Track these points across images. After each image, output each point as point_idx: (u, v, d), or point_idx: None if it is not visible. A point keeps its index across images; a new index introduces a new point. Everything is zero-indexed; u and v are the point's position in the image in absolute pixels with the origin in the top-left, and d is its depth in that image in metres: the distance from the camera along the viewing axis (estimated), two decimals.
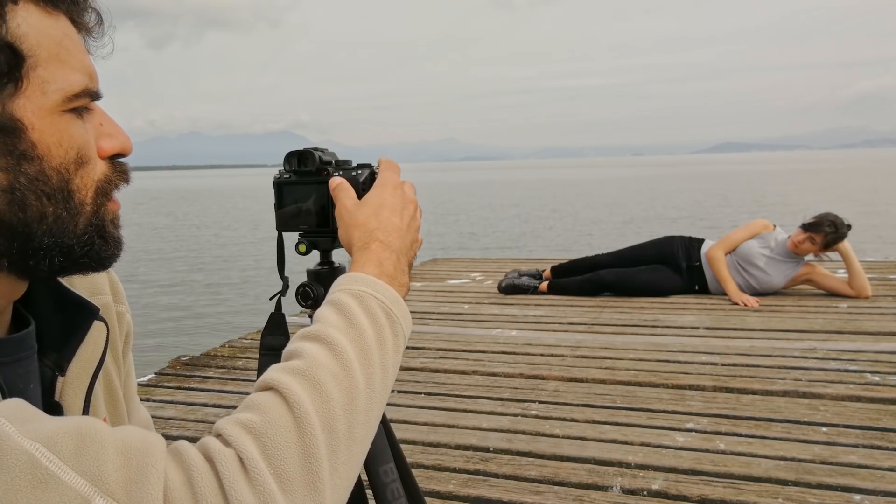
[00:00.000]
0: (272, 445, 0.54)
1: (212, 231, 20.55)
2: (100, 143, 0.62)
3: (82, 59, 0.60)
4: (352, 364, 0.62)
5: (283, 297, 1.01)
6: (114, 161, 0.64)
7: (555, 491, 2.02)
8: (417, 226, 0.83)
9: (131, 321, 0.85)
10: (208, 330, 7.80)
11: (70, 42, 0.59)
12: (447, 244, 15.40)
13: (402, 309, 0.71)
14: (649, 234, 6.12)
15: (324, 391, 0.59)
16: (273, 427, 0.55)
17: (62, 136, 0.57)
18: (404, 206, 0.81)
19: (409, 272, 0.79)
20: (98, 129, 0.62)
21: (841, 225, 4.44)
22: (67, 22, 0.59)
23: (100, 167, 0.62)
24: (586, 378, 3.03)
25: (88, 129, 0.61)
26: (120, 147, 0.64)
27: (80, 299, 0.71)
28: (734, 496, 1.95)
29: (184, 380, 3.23)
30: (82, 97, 0.59)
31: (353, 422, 0.59)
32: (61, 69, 0.57)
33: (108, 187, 0.63)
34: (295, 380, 0.59)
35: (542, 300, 4.79)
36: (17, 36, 0.55)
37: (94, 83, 0.60)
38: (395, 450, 0.95)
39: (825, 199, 23.39)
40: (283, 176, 0.94)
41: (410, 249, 0.80)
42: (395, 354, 0.68)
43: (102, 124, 0.63)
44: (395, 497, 0.90)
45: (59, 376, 0.68)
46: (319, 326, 0.65)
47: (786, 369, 3.06)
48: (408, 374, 3.18)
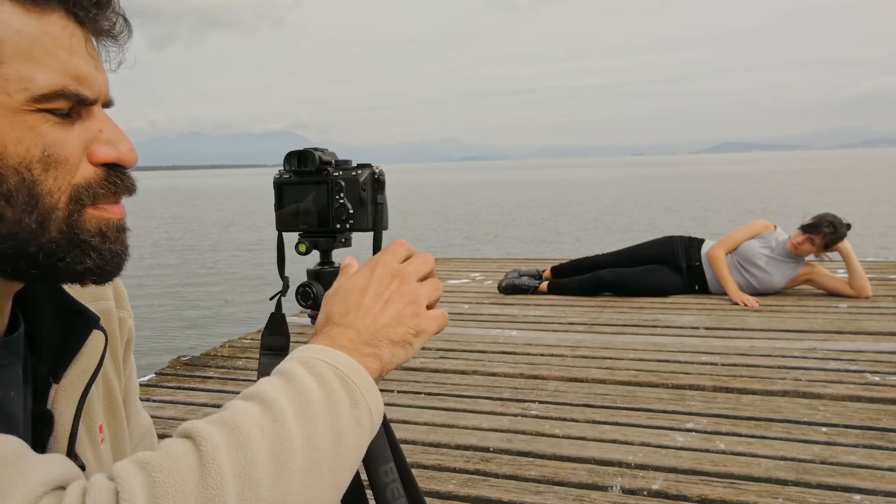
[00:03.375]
0: (164, 482, 0.49)
1: (212, 231, 20.54)
2: (93, 149, 0.59)
3: (65, 60, 0.56)
4: (284, 418, 0.55)
5: (284, 297, 1.01)
6: (109, 169, 0.61)
7: (555, 491, 2.02)
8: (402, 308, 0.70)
9: (133, 327, 0.84)
10: (208, 330, 7.80)
11: (51, 42, 0.56)
12: (447, 244, 15.41)
13: (365, 380, 0.62)
14: (649, 234, 6.11)
15: (242, 436, 0.53)
16: (171, 463, 0.50)
17: (23, 134, 0.55)
18: (383, 288, 0.70)
19: (394, 353, 0.68)
20: (95, 134, 0.60)
21: (840, 225, 4.44)
22: (61, 21, 0.57)
23: (84, 172, 0.59)
24: (586, 378, 3.03)
25: (76, 132, 0.58)
26: (115, 156, 0.60)
27: (81, 307, 0.70)
28: (734, 496, 1.95)
29: (184, 380, 3.23)
30: (55, 99, 0.56)
31: (282, 477, 0.53)
32: (30, 68, 0.55)
33: (87, 193, 0.59)
34: (212, 425, 0.54)
35: (542, 300, 4.79)
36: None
37: (81, 86, 0.57)
38: (395, 450, 0.95)
39: (825, 200, 23.39)
40: (283, 176, 0.94)
41: (387, 329, 0.68)
42: (355, 426, 0.59)
43: (102, 130, 0.60)
44: (395, 497, 0.90)
45: (52, 383, 0.67)
46: (254, 386, 0.59)
47: (786, 369, 3.06)
48: (408, 374, 3.18)
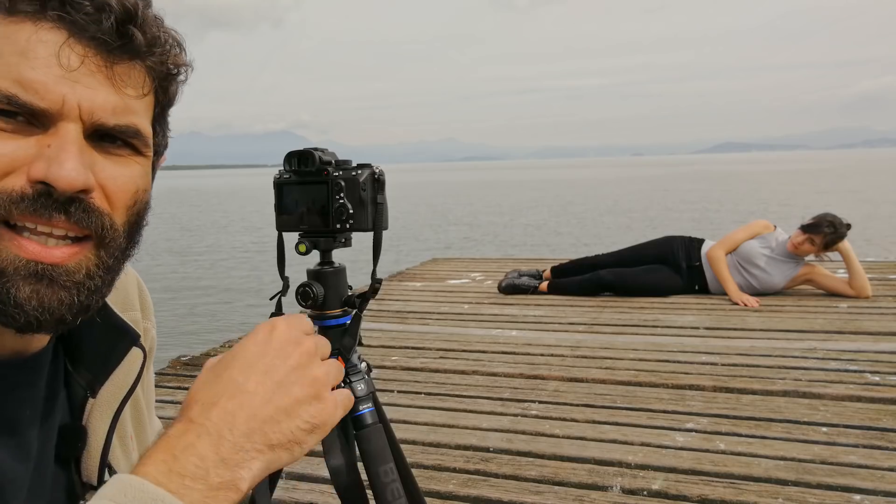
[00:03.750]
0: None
1: (212, 231, 20.55)
2: (32, 163, 0.54)
3: (11, 63, 0.53)
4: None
5: (284, 296, 1.01)
6: (45, 195, 0.54)
7: (555, 491, 2.02)
8: (299, 394, 0.56)
9: (155, 337, 0.84)
10: (208, 330, 7.80)
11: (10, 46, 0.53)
12: (447, 244, 15.41)
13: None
14: (649, 234, 6.12)
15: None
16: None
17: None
18: (280, 362, 0.57)
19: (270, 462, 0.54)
20: (41, 149, 0.54)
21: (840, 225, 4.45)
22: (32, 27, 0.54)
23: (7, 185, 0.53)
24: (586, 378, 3.03)
25: (16, 142, 0.54)
26: (42, 173, 0.53)
27: (123, 323, 0.70)
28: (734, 496, 1.95)
29: (184, 380, 3.23)
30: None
31: None
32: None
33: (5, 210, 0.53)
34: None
35: (542, 300, 4.79)
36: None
37: (24, 91, 0.53)
38: (395, 450, 0.95)
39: (827, 200, 23.39)
40: (283, 176, 0.94)
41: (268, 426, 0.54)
42: None
43: (50, 146, 0.54)
44: (395, 497, 0.90)
45: (89, 398, 0.67)
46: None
47: (786, 369, 3.06)
48: (408, 374, 3.18)
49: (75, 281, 0.56)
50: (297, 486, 2.09)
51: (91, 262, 0.57)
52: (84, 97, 0.55)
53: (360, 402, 1.00)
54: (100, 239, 0.57)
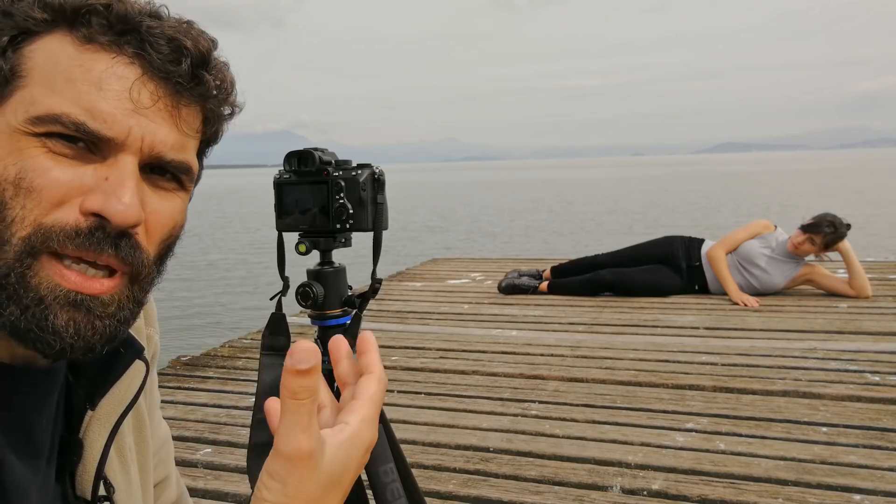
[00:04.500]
0: None
1: (211, 231, 20.55)
2: (87, 194, 0.54)
3: (84, 91, 0.54)
4: None
5: (284, 297, 1.01)
6: (98, 229, 0.54)
7: (555, 491, 2.02)
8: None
9: (158, 343, 0.83)
10: (208, 330, 7.80)
11: (82, 74, 0.54)
12: (447, 244, 15.41)
13: None
14: (650, 234, 6.11)
15: None
16: None
17: (9, 152, 0.53)
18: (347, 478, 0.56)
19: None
20: (98, 181, 0.55)
21: (840, 225, 4.45)
22: (110, 60, 0.55)
23: (62, 214, 0.54)
24: (586, 378, 3.03)
25: (75, 169, 0.54)
26: (99, 206, 0.54)
27: (128, 335, 0.69)
28: (734, 496, 1.95)
29: (184, 380, 3.23)
30: (51, 123, 0.53)
31: None
32: (43, 93, 0.54)
33: (51, 237, 0.53)
34: None
35: (542, 300, 4.79)
36: (21, 59, 0.55)
37: (93, 120, 0.54)
38: (395, 450, 0.95)
39: (829, 201, 23.38)
40: (283, 176, 0.94)
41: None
42: None
43: (108, 178, 0.55)
44: (395, 497, 0.90)
45: (88, 409, 0.66)
46: None
47: (786, 369, 3.06)
48: (408, 374, 3.18)
49: (108, 313, 0.57)
50: None
51: (124, 296, 0.58)
52: (148, 130, 0.56)
53: None
54: (135, 275, 0.58)
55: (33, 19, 0.55)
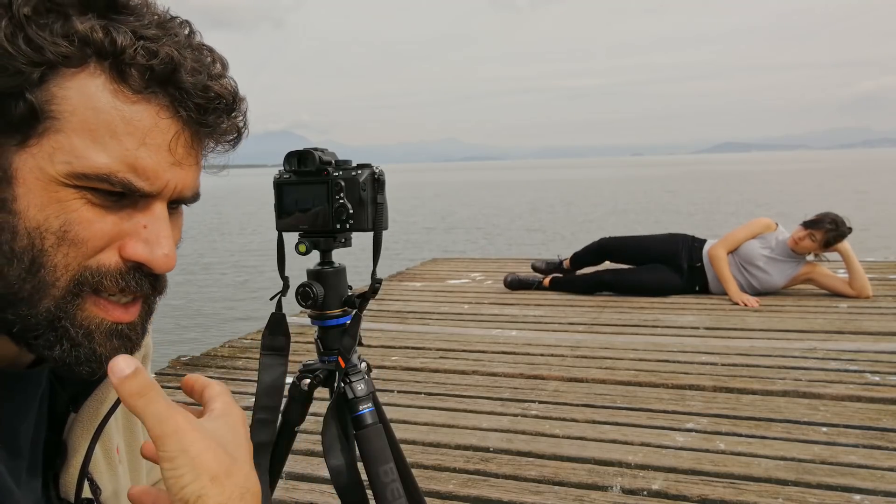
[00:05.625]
0: None
1: (211, 231, 20.55)
2: (126, 241, 0.57)
3: (129, 148, 0.54)
4: None
5: (284, 296, 1.01)
6: (133, 268, 0.58)
7: (555, 491, 2.02)
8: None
9: (151, 342, 0.83)
10: (208, 330, 7.80)
11: (124, 127, 0.54)
12: (447, 244, 15.40)
13: None
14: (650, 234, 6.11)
15: None
16: None
17: (49, 203, 0.53)
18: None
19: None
20: (136, 228, 0.57)
21: (842, 223, 4.45)
22: (152, 110, 0.55)
23: (104, 258, 0.56)
24: (586, 378, 3.03)
25: (114, 219, 0.56)
26: (144, 257, 0.57)
27: None
28: (734, 496, 1.95)
29: None
30: (98, 181, 0.53)
31: None
32: (86, 145, 0.53)
33: (93, 279, 0.56)
34: None
35: (543, 300, 4.79)
36: (50, 96, 0.52)
37: (137, 177, 0.55)
38: (395, 450, 0.95)
39: (828, 200, 23.37)
40: (283, 176, 0.94)
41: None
42: None
43: (147, 227, 0.57)
44: (395, 497, 0.90)
45: (71, 412, 0.66)
46: None
47: (786, 369, 3.06)
48: (408, 374, 3.18)
49: (138, 333, 0.62)
50: (297, 486, 2.09)
51: (143, 314, 0.63)
52: (180, 179, 0.58)
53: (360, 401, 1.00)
54: (155, 294, 0.63)
55: (64, 56, 0.52)
